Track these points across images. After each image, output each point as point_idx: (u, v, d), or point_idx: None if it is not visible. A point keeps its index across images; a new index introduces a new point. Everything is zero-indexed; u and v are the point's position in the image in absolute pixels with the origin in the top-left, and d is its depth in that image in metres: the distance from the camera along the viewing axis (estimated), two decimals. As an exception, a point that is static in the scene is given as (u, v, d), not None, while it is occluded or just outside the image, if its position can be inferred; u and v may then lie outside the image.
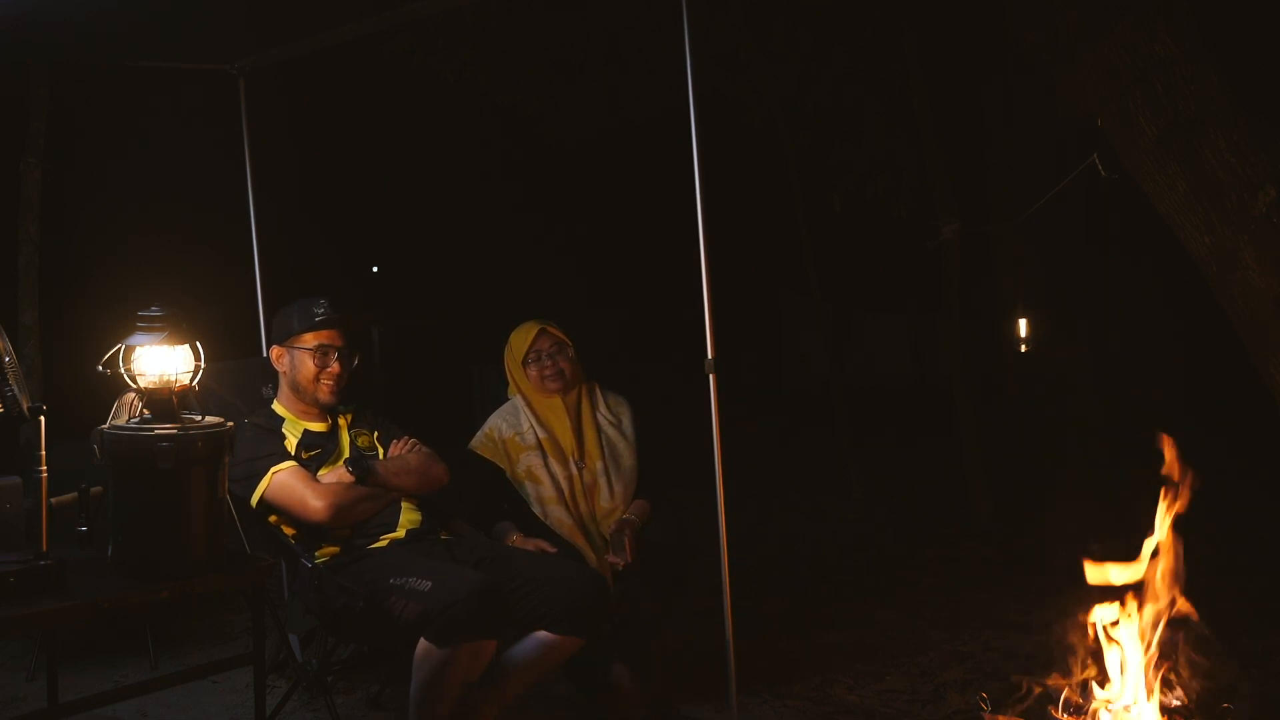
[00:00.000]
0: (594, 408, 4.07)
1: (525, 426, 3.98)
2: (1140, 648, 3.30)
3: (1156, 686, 3.27)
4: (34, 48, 4.69)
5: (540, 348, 4.00)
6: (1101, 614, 3.36)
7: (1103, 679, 3.32)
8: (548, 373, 3.98)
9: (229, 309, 5.07)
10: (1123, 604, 3.32)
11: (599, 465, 3.97)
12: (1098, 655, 3.35)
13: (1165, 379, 8.63)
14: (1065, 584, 3.45)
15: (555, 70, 6.83)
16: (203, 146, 6.38)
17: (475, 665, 3.22)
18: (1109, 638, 3.33)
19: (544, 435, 3.97)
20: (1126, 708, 3.26)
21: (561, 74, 6.86)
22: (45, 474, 2.74)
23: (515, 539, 3.78)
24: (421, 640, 3.19)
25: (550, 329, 4.02)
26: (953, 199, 6.15)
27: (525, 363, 4.01)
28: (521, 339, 4.03)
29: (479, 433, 4.04)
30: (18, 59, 5.07)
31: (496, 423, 4.03)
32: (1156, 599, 3.26)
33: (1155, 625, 3.30)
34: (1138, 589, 3.31)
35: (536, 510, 3.90)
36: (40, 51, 4.87)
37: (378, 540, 3.54)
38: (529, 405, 4.01)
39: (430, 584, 3.19)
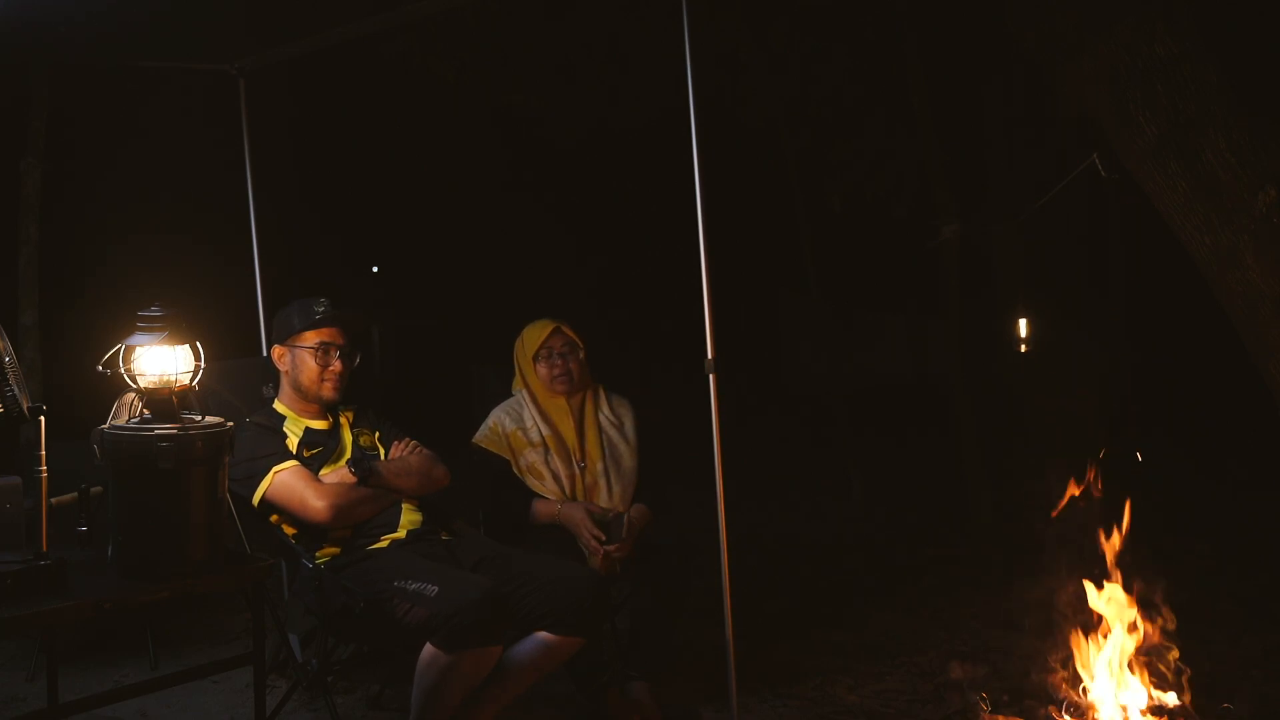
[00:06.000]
0: (597, 409, 4.07)
1: (529, 423, 3.99)
2: (1139, 648, 3.30)
3: (1153, 686, 3.28)
4: (34, 48, 4.70)
5: (553, 345, 4.01)
6: (1100, 613, 3.37)
7: (1101, 679, 3.32)
8: (557, 372, 3.99)
9: (229, 309, 5.06)
10: (1120, 604, 3.33)
11: (599, 466, 3.97)
12: (1096, 654, 3.35)
13: (1164, 378, 8.63)
14: (1064, 584, 3.45)
15: (555, 70, 6.83)
16: (203, 146, 6.37)
17: (480, 671, 3.22)
18: (1107, 637, 3.34)
19: (548, 432, 3.97)
20: (1125, 708, 3.27)
21: (561, 74, 6.86)
22: (45, 474, 2.74)
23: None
24: (427, 645, 3.19)
25: (565, 329, 4.03)
26: (952, 199, 6.15)
27: (536, 358, 4.01)
28: (535, 334, 4.04)
29: (483, 426, 4.04)
30: (18, 59, 5.07)
31: (500, 416, 4.03)
32: (1148, 601, 3.27)
33: (1152, 625, 3.30)
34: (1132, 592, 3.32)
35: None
36: (40, 51, 4.87)
37: (379, 540, 3.54)
38: (534, 401, 4.02)
39: (437, 589, 3.19)
